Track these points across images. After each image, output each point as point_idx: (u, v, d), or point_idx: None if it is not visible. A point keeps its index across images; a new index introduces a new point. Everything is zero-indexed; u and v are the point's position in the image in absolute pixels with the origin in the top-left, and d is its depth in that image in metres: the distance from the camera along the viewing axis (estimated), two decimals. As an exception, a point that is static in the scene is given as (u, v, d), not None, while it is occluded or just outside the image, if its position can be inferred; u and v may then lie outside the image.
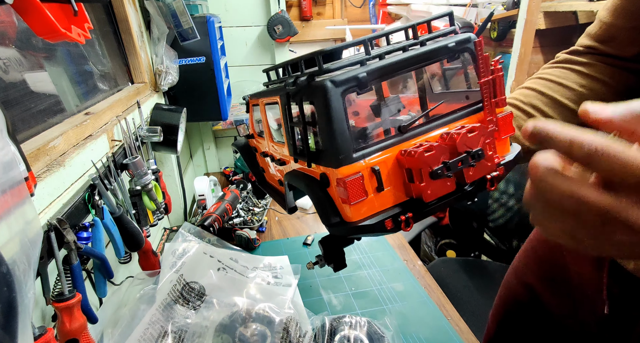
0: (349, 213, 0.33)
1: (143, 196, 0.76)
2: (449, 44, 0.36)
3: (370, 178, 0.33)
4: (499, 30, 1.83)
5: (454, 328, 0.75)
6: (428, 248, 2.00)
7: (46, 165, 0.54)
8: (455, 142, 0.33)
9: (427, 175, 0.32)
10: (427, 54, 0.35)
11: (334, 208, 0.35)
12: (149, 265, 0.77)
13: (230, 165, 1.63)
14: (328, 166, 0.34)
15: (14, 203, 0.33)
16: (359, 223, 0.33)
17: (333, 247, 0.45)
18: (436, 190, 0.33)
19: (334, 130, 0.32)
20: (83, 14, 0.42)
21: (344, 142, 0.32)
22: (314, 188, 0.36)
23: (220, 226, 1.04)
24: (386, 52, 0.35)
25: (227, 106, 1.24)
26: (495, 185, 0.36)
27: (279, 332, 0.66)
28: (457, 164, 0.32)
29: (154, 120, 0.94)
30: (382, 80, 0.35)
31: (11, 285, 0.31)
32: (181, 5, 0.97)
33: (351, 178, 0.32)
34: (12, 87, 0.55)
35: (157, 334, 0.65)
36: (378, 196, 0.34)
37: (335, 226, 0.35)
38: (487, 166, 0.34)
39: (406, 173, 0.34)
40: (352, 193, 0.32)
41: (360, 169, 0.33)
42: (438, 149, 0.32)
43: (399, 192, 0.35)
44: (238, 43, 1.45)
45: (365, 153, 0.33)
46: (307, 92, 0.35)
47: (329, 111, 0.32)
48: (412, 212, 0.33)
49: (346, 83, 0.32)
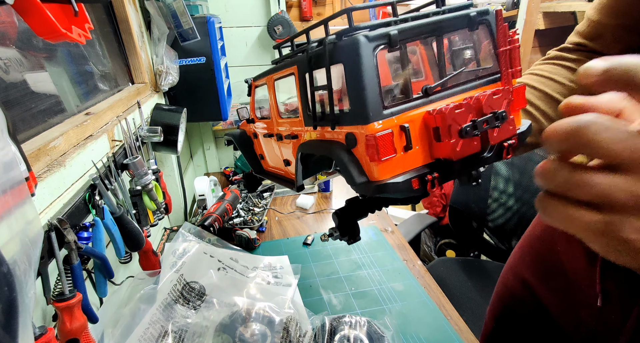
0: (376, 172, 0.33)
1: (143, 196, 0.76)
2: (470, 13, 0.37)
3: (400, 136, 0.33)
4: (498, 31, 1.83)
5: (454, 327, 0.75)
6: (428, 248, 2.00)
7: (47, 165, 0.55)
8: (481, 103, 0.33)
9: (455, 133, 0.32)
10: (452, 20, 0.36)
11: (360, 168, 0.35)
12: (150, 265, 0.77)
13: (231, 165, 1.64)
14: (357, 124, 0.34)
15: (15, 203, 0.34)
16: (386, 182, 0.33)
17: (348, 219, 0.46)
18: (464, 148, 0.33)
19: (365, 86, 0.32)
20: (83, 14, 0.42)
21: (375, 99, 0.32)
22: (338, 151, 0.37)
23: (221, 226, 1.04)
24: (412, 16, 0.36)
25: (227, 106, 1.24)
26: (511, 154, 0.36)
27: (279, 331, 0.66)
28: (484, 124, 0.33)
29: (154, 121, 0.95)
30: (412, 41, 0.35)
31: (12, 285, 0.32)
32: (181, 5, 0.97)
33: (382, 133, 0.32)
34: (13, 87, 0.55)
35: (158, 334, 0.65)
36: (405, 156, 0.34)
37: (361, 185, 0.35)
38: (509, 129, 0.35)
39: (433, 133, 0.34)
40: (383, 149, 0.32)
41: (391, 125, 0.33)
42: (467, 107, 0.32)
43: (425, 154, 0.35)
44: (238, 43, 1.45)
45: (395, 111, 0.34)
46: (336, 51, 0.35)
47: (359, 66, 0.32)
48: (439, 172, 0.34)
49: (378, 39, 0.33)
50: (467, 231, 1.43)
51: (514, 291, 0.71)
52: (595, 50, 0.55)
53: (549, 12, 1.56)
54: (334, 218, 0.46)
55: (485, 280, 1.20)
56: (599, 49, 0.54)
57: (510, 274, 0.73)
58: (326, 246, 1.04)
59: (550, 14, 1.57)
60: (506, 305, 0.74)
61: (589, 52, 0.55)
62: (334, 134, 0.38)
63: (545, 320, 0.64)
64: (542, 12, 1.57)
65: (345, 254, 1.00)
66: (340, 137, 0.37)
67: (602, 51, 0.54)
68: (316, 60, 0.38)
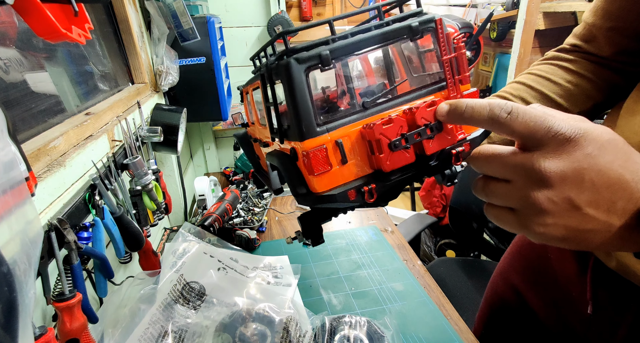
0: (315, 184, 0.35)
1: (143, 196, 0.76)
2: (412, 24, 0.37)
3: (335, 151, 0.35)
4: (498, 31, 1.83)
5: (454, 327, 0.75)
6: (428, 248, 2.00)
7: (47, 165, 0.55)
8: (414, 115, 0.34)
9: (386, 147, 0.34)
10: (390, 33, 0.37)
11: (302, 180, 0.37)
12: (149, 265, 0.77)
13: (231, 165, 1.64)
14: (295, 140, 0.36)
15: (15, 203, 0.34)
16: (324, 194, 0.35)
17: (310, 223, 0.48)
18: (395, 161, 0.34)
19: (298, 104, 0.34)
20: (83, 14, 0.42)
21: (307, 116, 0.34)
22: (285, 163, 0.39)
23: (221, 226, 1.04)
24: (352, 32, 0.37)
25: (227, 106, 1.24)
26: (461, 161, 0.38)
27: (279, 331, 0.66)
28: (415, 136, 0.34)
29: (155, 121, 0.95)
30: (345, 58, 0.37)
31: (12, 285, 0.32)
32: (181, 5, 0.97)
33: (314, 149, 0.34)
34: (13, 87, 0.55)
35: (158, 334, 0.65)
36: (343, 168, 0.35)
37: (302, 196, 0.37)
38: (447, 139, 0.36)
39: (368, 146, 0.36)
40: (316, 164, 0.34)
41: (324, 141, 0.35)
42: (396, 121, 0.34)
43: (365, 166, 0.36)
44: (238, 43, 1.45)
45: (329, 127, 0.35)
46: (276, 71, 0.37)
47: (292, 87, 0.34)
48: (375, 183, 0.35)
49: (309, 60, 0.34)
50: (467, 231, 1.43)
51: (503, 296, 0.71)
52: (590, 52, 0.56)
53: (549, 12, 1.56)
54: (299, 222, 0.48)
55: (485, 280, 1.19)
56: (593, 51, 0.55)
57: (500, 279, 0.73)
58: (326, 246, 1.04)
59: (551, 14, 1.57)
60: (495, 310, 0.74)
61: (585, 54, 0.56)
62: (286, 146, 0.40)
63: (534, 326, 0.64)
64: (542, 12, 1.57)
65: (345, 254, 1.00)
66: (287, 148, 0.39)
67: (596, 53, 0.55)
68: (269, 76, 0.40)
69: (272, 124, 0.43)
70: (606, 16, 0.51)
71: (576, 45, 0.57)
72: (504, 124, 0.29)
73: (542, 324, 0.63)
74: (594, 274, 0.52)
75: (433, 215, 2.20)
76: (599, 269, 0.51)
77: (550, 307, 0.61)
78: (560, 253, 0.59)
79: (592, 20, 0.53)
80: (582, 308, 0.54)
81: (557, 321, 0.60)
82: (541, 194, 0.28)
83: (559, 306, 0.60)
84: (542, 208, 0.28)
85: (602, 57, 0.54)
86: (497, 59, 1.97)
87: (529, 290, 0.65)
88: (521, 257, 0.68)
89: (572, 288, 0.56)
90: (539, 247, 0.64)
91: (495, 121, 0.30)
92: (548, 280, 0.61)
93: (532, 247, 0.66)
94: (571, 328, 0.57)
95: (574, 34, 0.58)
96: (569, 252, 0.57)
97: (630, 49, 0.51)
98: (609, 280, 0.50)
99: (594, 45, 0.55)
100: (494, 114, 0.30)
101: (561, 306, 0.59)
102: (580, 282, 0.54)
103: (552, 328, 0.61)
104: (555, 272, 0.60)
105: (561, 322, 0.59)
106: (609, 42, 0.53)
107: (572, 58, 0.56)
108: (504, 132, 0.30)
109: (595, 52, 0.55)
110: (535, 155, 0.29)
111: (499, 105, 0.30)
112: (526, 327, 0.66)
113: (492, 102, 0.30)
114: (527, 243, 0.67)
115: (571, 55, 0.57)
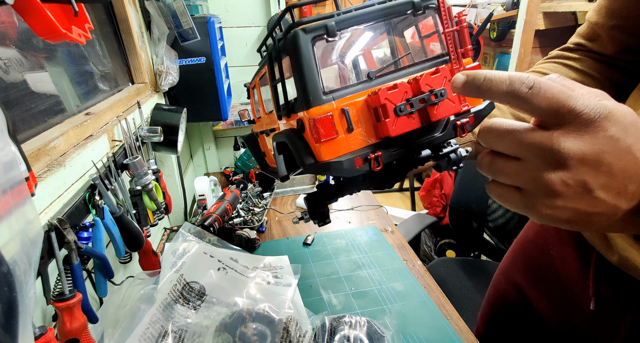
0: (322, 152, 0.36)
1: (143, 196, 0.76)
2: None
3: (341, 119, 0.35)
4: (498, 31, 1.83)
5: (454, 327, 0.75)
6: (428, 248, 2.00)
7: (47, 165, 0.55)
8: (418, 83, 0.35)
9: (392, 112, 0.34)
10: (393, 8, 0.38)
11: (309, 150, 0.37)
12: (149, 265, 0.77)
13: (231, 165, 1.64)
14: (302, 110, 0.36)
15: (15, 203, 0.34)
16: (330, 161, 0.35)
17: (316, 203, 0.48)
18: (401, 126, 0.35)
19: (304, 73, 0.35)
20: (83, 14, 0.42)
21: (314, 85, 0.35)
22: (292, 136, 0.39)
23: (221, 226, 1.04)
24: (356, 7, 0.38)
25: (227, 106, 1.24)
26: (466, 133, 0.38)
27: (279, 331, 0.66)
28: (420, 101, 0.34)
29: (155, 121, 0.95)
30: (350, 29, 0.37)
31: (12, 285, 0.32)
32: (181, 5, 0.97)
33: (321, 116, 0.35)
34: (13, 87, 0.55)
35: (158, 334, 0.65)
36: (349, 137, 0.36)
37: (310, 166, 0.37)
38: (452, 106, 0.36)
39: (374, 114, 0.36)
40: (323, 131, 0.35)
41: (330, 109, 0.35)
42: (401, 86, 0.34)
43: (371, 135, 0.37)
44: (238, 43, 1.45)
45: (335, 96, 0.36)
46: (284, 46, 0.37)
47: (299, 56, 0.35)
48: (381, 151, 0.36)
49: (315, 30, 0.35)
50: (467, 231, 1.43)
51: (506, 295, 0.71)
52: (594, 50, 0.56)
53: (549, 12, 1.56)
54: (305, 202, 0.49)
55: (485, 280, 1.20)
56: (597, 50, 0.56)
57: (502, 278, 0.73)
58: (326, 246, 1.04)
59: (551, 14, 1.57)
60: (497, 309, 0.74)
61: (589, 52, 0.57)
62: (292, 122, 0.40)
63: (537, 324, 0.64)
64: (542, 12, 1.57)
65: (345, 254, 1.00)
66: (294, 123, 0.39)
67: (600, 52, 0.55)
68: (276, 55, 0.41)
69: (278, 102, 0.43)
70: (609, 15, 0.52)
71: (580, 44, 0.57)
72: (524, 99, 0.28)
73: (545, 322, 0.63)
74: (597, 270, 0.52)
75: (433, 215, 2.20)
76: (602, 265, 0.51)
77: (553, 304, 0.61)
78: (562, 250, 0.59)
79: (596, 19, 0.54)
80: (585, 305, 0.54)
81: (560, 318, 0.60)
82: (555, 176, 0.27)
83: (561, 303, 0.60)
84: (554, 190, 0.27)
85: (606, 55, 0.55)
86: (497, 59, 1.97)
87: (532, 288, 0.65)
88: (523, 255, 0.68)
89: (574, 285, 0.56)
90: (541, 245, 0.64)
91: (515, 95, 0.28)
92: (550, 278, 0.61)
93: (534, 245, 0.66)
94: (573, 325, 0.57)
95: (577, 33, 0.58)
96: (571, 249, 0.57)
97: (633, 47, 0.52)
98: (611, 276, 0.50)
99: (597, 44, 0.55)
100: (514, 87, 0.28)
101: (564, 303, 0.59)
102: (582, 279, 0.55)
103: (554, 326, 0.61)
104: (557, 269, 0.60)
105: (564, 319, 0.59)
106: (612, 40, 0.53)
107: (577, 57, 0.57)
108: (523, 108, 0.28)
109: (599, 50, 0.55)
110: (555, 134, 0.27)
111: (519, 79, 0.28)
112: (529, 325, 0.66)
113: (512, 74, 0.28)
114: (529, 241, 0.68)
115: (575, 54, 0.57)
